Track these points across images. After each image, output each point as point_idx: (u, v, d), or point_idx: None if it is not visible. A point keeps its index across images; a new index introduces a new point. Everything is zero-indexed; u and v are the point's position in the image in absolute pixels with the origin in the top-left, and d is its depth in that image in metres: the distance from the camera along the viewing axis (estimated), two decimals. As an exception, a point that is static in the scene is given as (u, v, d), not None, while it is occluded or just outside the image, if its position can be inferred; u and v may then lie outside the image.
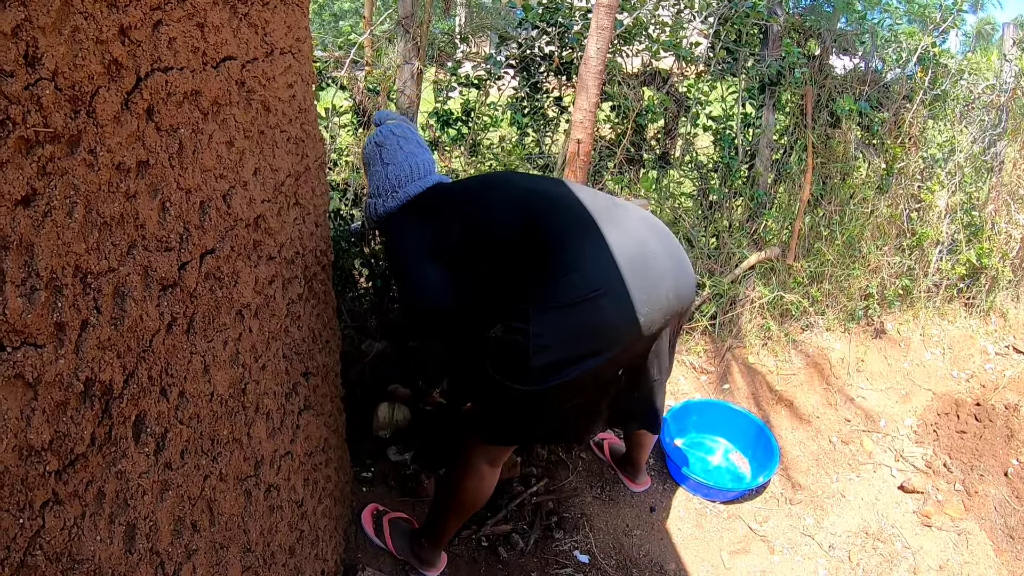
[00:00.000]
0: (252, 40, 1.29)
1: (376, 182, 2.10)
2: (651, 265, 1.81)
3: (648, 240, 1.85)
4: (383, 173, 2.07)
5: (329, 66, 3.52)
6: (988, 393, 3.61)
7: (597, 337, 1.75)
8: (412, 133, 2.15)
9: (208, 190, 1.09)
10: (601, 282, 1.73)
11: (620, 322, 1.76)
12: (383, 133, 2.11)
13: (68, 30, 0.73)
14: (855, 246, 4.10)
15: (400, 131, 2.12)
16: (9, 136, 0.65)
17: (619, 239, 1.79)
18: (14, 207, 0.66)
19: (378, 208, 2.09)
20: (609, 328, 1.75)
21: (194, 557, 1.05)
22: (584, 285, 1.72)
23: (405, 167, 2.06)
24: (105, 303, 0.81)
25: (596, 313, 1.72)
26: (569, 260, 1.74)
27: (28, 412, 0.69)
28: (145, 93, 0.89)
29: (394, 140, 2.09)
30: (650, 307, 1.79)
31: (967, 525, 2.84)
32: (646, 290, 1.78)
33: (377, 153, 2.10)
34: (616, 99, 3.67)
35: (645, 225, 1.90)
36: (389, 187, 2.06)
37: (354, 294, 3.11)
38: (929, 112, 4.30)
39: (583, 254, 1.76)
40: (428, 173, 2.10)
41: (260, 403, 1.36)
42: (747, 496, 2.95)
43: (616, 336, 1.77)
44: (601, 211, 1.87)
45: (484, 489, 2.09)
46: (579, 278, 1.72)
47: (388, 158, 2.07)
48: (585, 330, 1.74)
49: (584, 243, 1.78)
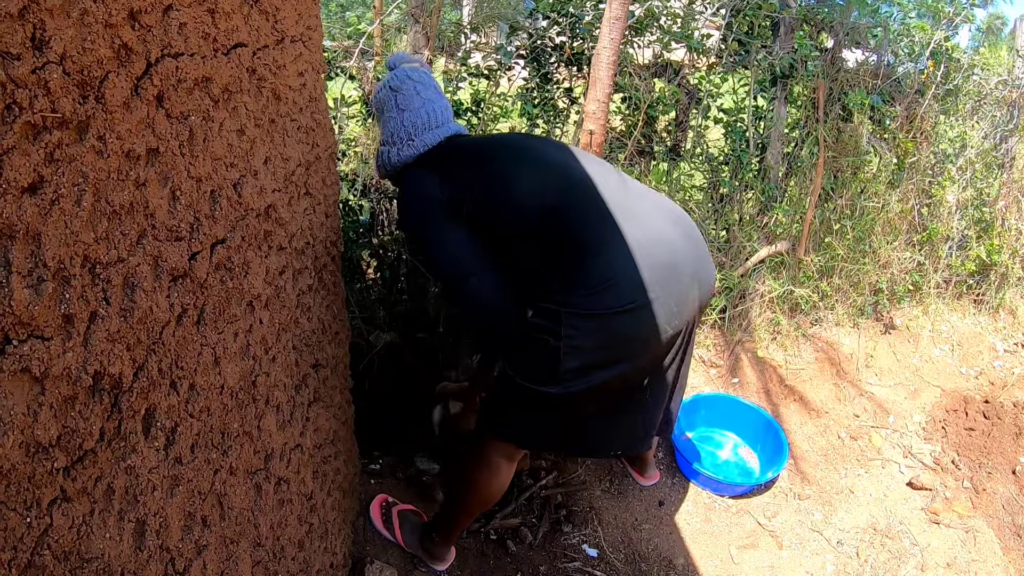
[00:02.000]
0: (263, 27, 1.27)
1: (390, 129, 1.99)
2: (681, 272, 1.75)
3: (675, 240, 1.78)
4: (398, 120, 1.96)
5: (338, 56, 3.49)
6: (997, 390, 3.58)
7: (629, 345, 1.71)
8: (429, 78, 2.04)
9: (219, 179, 1.07)
10: (637, 293, 1.67)
11: (651, 332, 1.71)
12: (399, 77, 2.00)
13: (77, 13, 0.71)
14: (865, 240, 4.07)
15: (417, 76, 2.01)
16: (15, 121, 0.63)
17: (647, 240, 1.72)
18: (20, 195, 0.64)
19: (391, 157, 1.99)
20: (641, 338, 1.71)
21: (204, 553, 1.04)
22: (621, 296, 1.65)
23: (422, 114, 1.95)
24: (114, 294, 0.79)
25: (631, 324, 1.68)
26: (604, 267, 1.67)
27: (35, 407, 0.67)
28: (155, 79, 0.87)
29: (410, 85, 1.98)
30: (679, 315, 1.75)
31: (975, 523, 2.82)
32: (677, 300, 1.73)
33: (392, 98, 1.99)
34: (627, 91, 3.64)
35: (667, 219, 1.82)
36: (405, 135, 1.95)
37: (362, 285, 3.09)
38: (941, 107, 4.26)
39: (617, 260, 1.68)
40: (446, 121, 1.99)
41: (270, 395, 1.35)
42: (756, 491, 2.93)
43: (646, 345, 1.73)
44: (623, 202, 1.78)
45: (498, 484, 2.05)
46: (615, 287, 1.66)
47: (404, 103, 1.96)
48: (619, 338, 1.69)
49: (615, 247, 1.69)
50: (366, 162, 3.21)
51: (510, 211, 1.80)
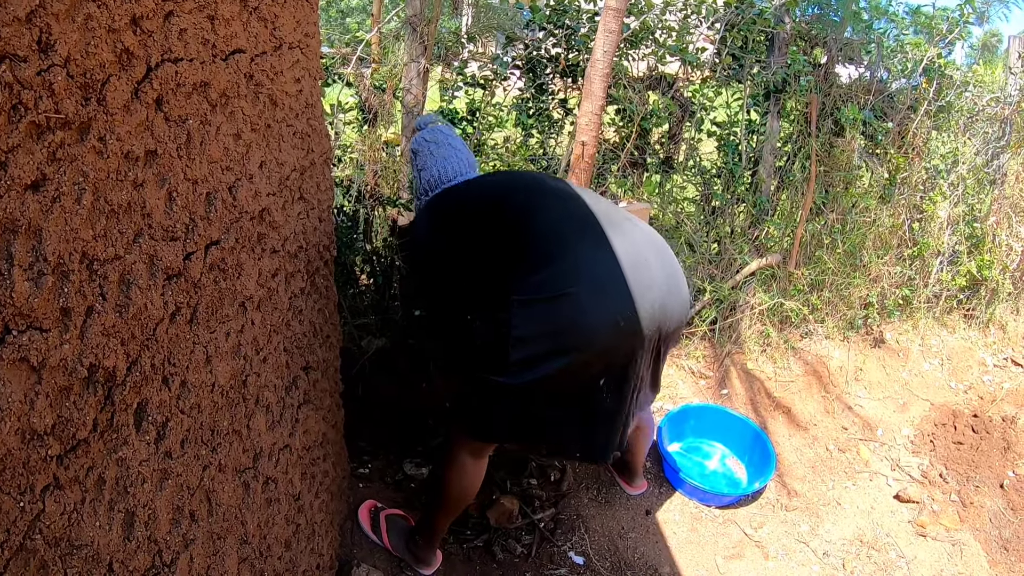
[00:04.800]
0: (261, 34, 1.29)
1: (416, 187, 2.26)
2: (641, 273, 1.78)
3: (646, 252, 1.84)
4: (419, 179, 2.23)
5: (336, 62, 3.53)
6: (986, 405, 3.61)
7: (574, 334, 1.72)
8: (445, 137, 2.24)
9: (214, 181, 1.10)
10: (584, 277, 1.71)
11: (598, 320, 1.72)
12: (417, 141, 2.25)
13: (81, 17, 0.74)
14: (856, 255, 4.11)
15: (432, 136, 2.23)
16: (21, 121, 0.65)
17: (615, 243, 1.79)
18: (23, 191, 0.66)
19: (419, 208, 2.24)
20: (586, 325, 1.71)
21: (191, 547, 1.06)
22: (566, 279, 1.71)
23: (435, 171, 2.18)
24: (111, 290, 0.82)
25: (574, 308, 1.70)
26: (554, 252, 1.76)
27: (32, 396, 0.69)
28: (155, 83, 0.90)
29: (426, 147, 2.21)
30: (631, 312, 1.75)
31: (962, 536, 2.84)
32: (631, 295, 1.75)
33: (414, 160, 2.24)
34: (621, 102, 3.68)
35: (646, 239, 1.90)
36: (423, 190, 2.21)
37: (355, 290, 3.12)
38: (933, 123, 4.30)
39: (569, 248, 1.76)
40: (457, 175, 2.19)
41: (260, 395, 1.37)
42: (743, 501, 2.95)
43: (593, 334, 1.73)
44: (602, 214, 1.87)
45: (468, 482, 2.11)
46: (561, 271, 1.72)
47: (421, 164, 2.21)
48: (562, 325, 1.71)
49: (573, 239, 1.79)
50: (362, 168, 3.24)
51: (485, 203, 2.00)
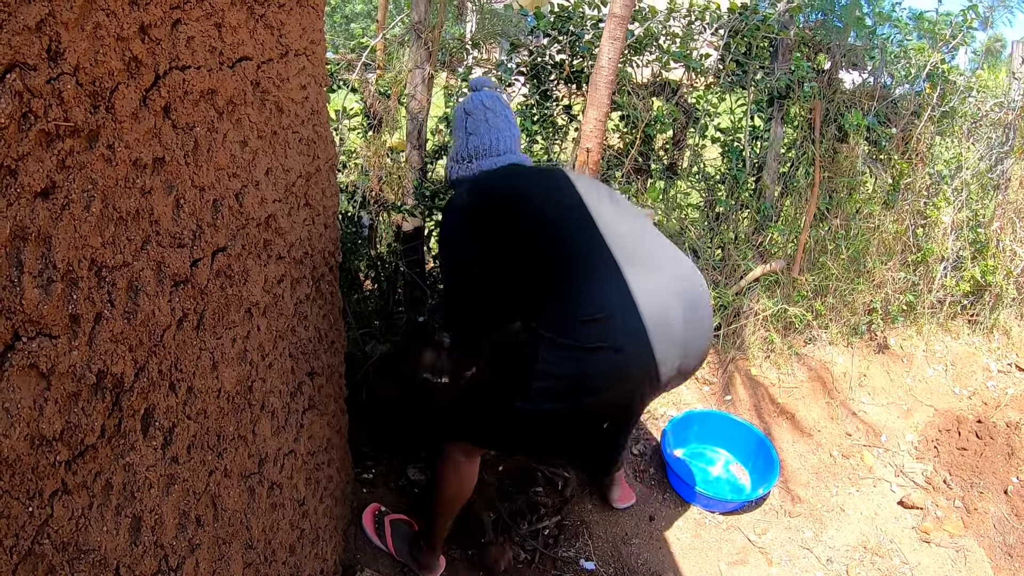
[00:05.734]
0: (268, 41, 1.30)
1: (456, 147, 2.13)
2: (670, 333, 1.76)
3: (672, 301, 1.78)
4: (464, 141, 2.10)
5: (340, 68, 3.54)
6: (990, 411, 3.60)
7: (601, 384, 1.74)
8: (502, 106, 2.14)
9: (221, 188, 1.11)
10: (620, 333, 1.70)
11: (628, 375, 1.74)
12: (473, 102, 2.12)
13: (90, 26, 0.74)
14: (860, 261, 4.11)
15: (490, 103, 2.11)
16: (31, 129, 0.66)
17: (645, 291, 1.75)
18: (33, 199, 0.67)
19: (452, 172, 2.14)
20: (617, 378, 1.74)
21: (197, 552, 1.06)
22: (602, 333, 1.69)
23: (486, 140, 2.07)
24: (119, 297, 0.82)
25: (609, 364, 1.70)
26: (594, 302, 1.72)
27: (41, 402, 0.70)
28: (163, 91, 0.90)
29: (482, 111, 2.10)
30: (655, 369, 1.77)
31: (966, 542, 2.84)
32: (658, 358, 1.75)
33: (463, 120, 2.12)
34: (625, 109, 3.68)
35: (676, 275, 1.85)
36: (467, 155, 2.09)
37: (359, 296, 3.12)
38: (937, 128, 4.30)
39: (607, 300, 1.72)
40: (508, 151, 2.10)
41: (266, 401, 1.37)
42: (746, 508, 2.95)
43: (620, 387, 1.76)
44: (636, 248, 1.83)
45: (462, 480, 2.10)
46: (597, 325, 1.70)
47: (472, 128, 2.09)
48: (592, 374, 1.72)
49: (611, 288, 1.74)
50: (366, 174, 3.25)
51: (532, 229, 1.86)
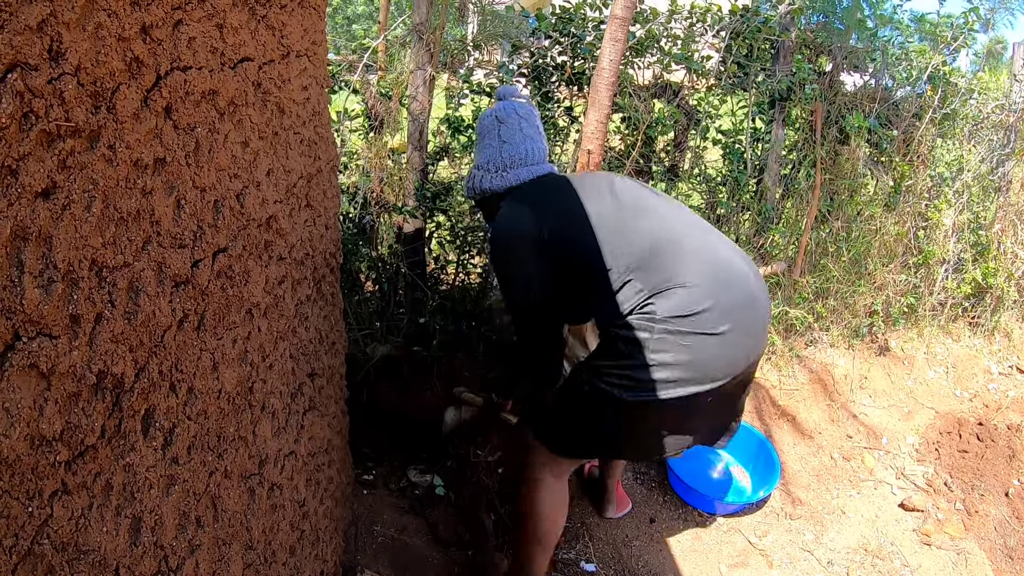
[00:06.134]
0: (269, 42, 1.30)
1: (488, 155, 2.05)
2: (757, 305, 1.85)
3: (749, 276, 1.86)
4: (497, 149, 2.03)
5: (342, 70, 3.54)
6: (991, 413, 3.60)
7: (719, 368, 1.77)
8: (534, 116, 2.10)
9: (222, 189, 1.11)
10: (724, 319, 1.75)
11: (732, 358, 1.79)
12: (506, 110, 2.07)
13: (92, 26, 0.74)
14: (861, 263, 4.11)
15: (524, 112, 2.08)
16: (32, 129, 0.66)
17: (729, 275, 1.82)
18: (34, 199, 0.67)
19: (483, 182, 2.06)
20: (724, 361, 1.78)
21: (197, 552, 1.06)
22: (713, 320, 1.74)
23: (521, 149, 2.02)
24: (119, 297, 0.82)
25: (726, 345, 1.76)
26: (696, 294, 1.76)
27: (41, 402, 0.70)
28: (164, 91, 0.90)
29: (516, 119, 2.05)
30: (754, 347, 1.84)
31: (967, 544, 2.83)
32: (752, 332, 1.82)
33: (496, 128, 2.05)
34: (627, 110, 3.68)
35: (739, 256, 1.92)
36: (501, 164, 2.03)
37: (360, 297, 3.12)
38: (938, 131, 4.30)
39: (705, 288, 1.76)
40: (541, 161, 2.07)
41: (266, 402, 1.37)
42: (747, 510, 2.95)
43: (726, 369, 1.79)
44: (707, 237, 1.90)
45: (556, 502, 2.04)
46: (708, 312, 1.74)
47: (506, 136, 2.03)
48: (710, 358, 1.75)
49: (705, 276, 1.78)
50: (367, 175, 3.25)
51: (622, 241, 1.84)
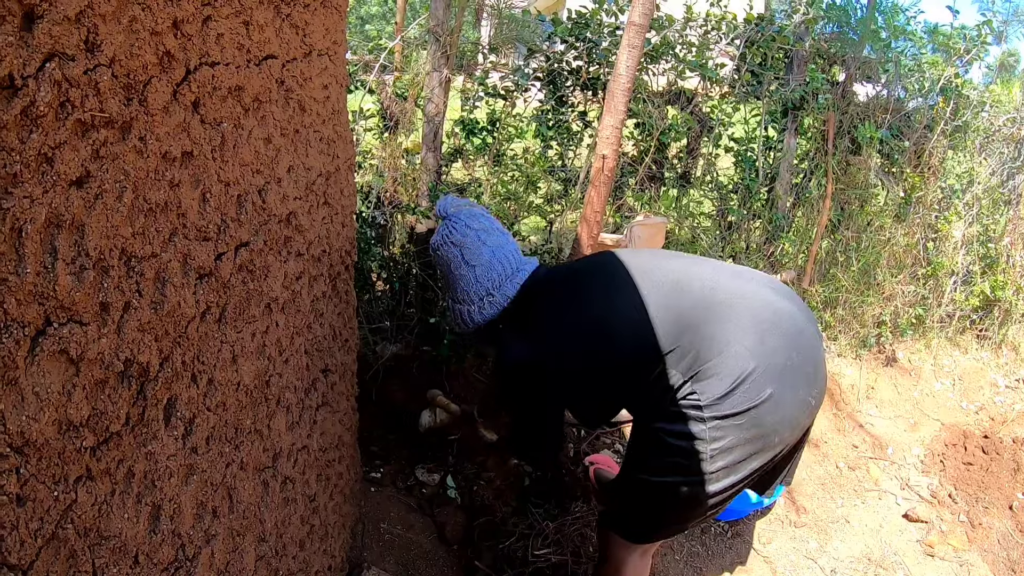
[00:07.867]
0: (293, 40, 1.32)
1: (463, 287, 1.82)
2: (804, 333, 1.67)
3: (785, 305, 1.69)
4: (470, 277, 1.80)
5: (358, 69, 3.56)
6: (996, 426, 3.59)
7: (779, 428, 1.62)
8: (488, 219, 1.87)
9: (245, 184, 1.12)
10: (772, 380, 1.58)
11: (793, 409, 1.63)
12: (458, 229, 1.82)
13: (127, 19, 0.75)
14: (870, 273, 4.10)
15: (477, 223, 1.83)
16: (68, 118, 0.67)
17: (763, 316, 1.64)
18: (68, 187, 0.68)
19: (472, 316, 1.83)
20: (788, 416, 1.62)
21: (213, 542, 1.07)
22: (760, 386, 1.57)
23: (495, 265, 1.79)
24: (147, 287, 0.84)
25: (775, 409, 1.59)
26: (732, 362, 1.58)
27: (69, 387, 0.71)
28: (193, 85, 0.92)
29: (473, 235, 1.81)
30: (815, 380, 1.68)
31: (970, 557, 2.83)
32: (809, 362, 1.66)
33: (459, 256, 1.81)
34: (641, 116, 3.70)
35: (771, 288, 1.73)
36: (483, 291, 1.79)
37: (371, 296, 3.13)
38: (949, 142, 4.31)
39: (743, 352, 1.59)
40: (519, 263, 1.83)
41: (282, 396, 1.38)
42: (752, 517, 2.94)
43: (795, 420, 1.64)
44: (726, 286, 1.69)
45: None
46: (752, 379, 1.57)
47: (471, 258, 1.79)
48: (768, 426, 1.60)
49: (736, 338, 1.60)
50: (381, 175, 3.27)
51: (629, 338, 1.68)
